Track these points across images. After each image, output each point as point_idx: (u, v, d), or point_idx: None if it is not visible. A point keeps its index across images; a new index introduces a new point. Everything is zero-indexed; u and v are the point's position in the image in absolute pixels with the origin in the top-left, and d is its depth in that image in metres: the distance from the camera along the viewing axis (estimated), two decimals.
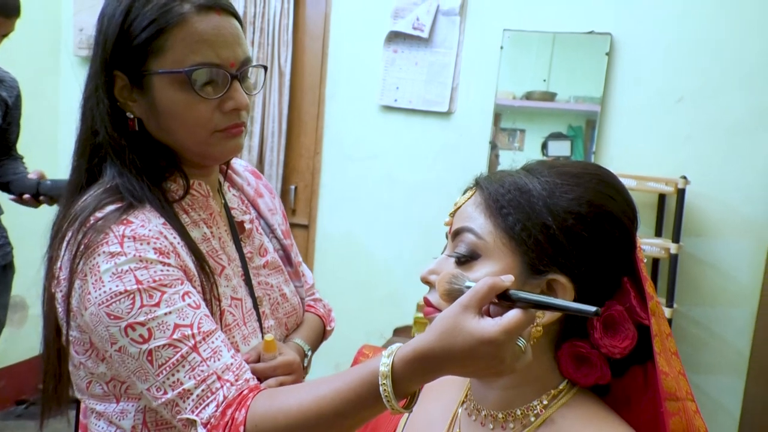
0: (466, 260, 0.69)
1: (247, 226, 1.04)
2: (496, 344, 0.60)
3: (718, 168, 2.36)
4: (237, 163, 1.14)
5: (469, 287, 0.64)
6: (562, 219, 0.66)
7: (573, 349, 0.68)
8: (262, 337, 0.98)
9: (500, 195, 0.69)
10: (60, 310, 0.87)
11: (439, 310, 0.69)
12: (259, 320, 0.99)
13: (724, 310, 2.39)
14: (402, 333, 2.58)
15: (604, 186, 0.69)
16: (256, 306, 1.00)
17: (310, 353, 1.10)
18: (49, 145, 3.11)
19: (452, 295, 0.66)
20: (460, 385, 0.82)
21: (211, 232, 0.96)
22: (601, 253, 0.67)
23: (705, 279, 2.40)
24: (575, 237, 0.66)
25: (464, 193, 0.74)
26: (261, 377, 0.92)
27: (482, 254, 0.68)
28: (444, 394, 0.83)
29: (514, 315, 0.61)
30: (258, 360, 0.95)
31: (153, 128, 0.91)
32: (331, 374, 0.75)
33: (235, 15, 0.91)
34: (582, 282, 0.66)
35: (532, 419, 0.69)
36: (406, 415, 0.85)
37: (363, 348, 0.99)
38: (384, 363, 0.67)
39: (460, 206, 0.73)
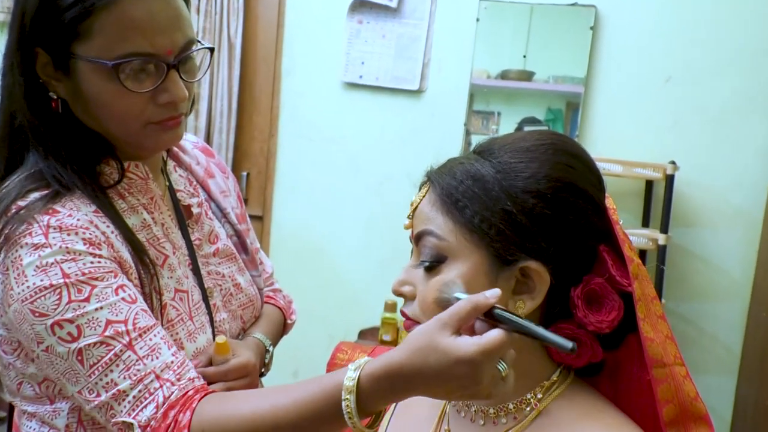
0: (433, 266, 0.71)
1: (195, 210, 1.05)
2: (473, 364, 0.63)
3: (708, 153, 2.46)
4: (185, 140, 1.14)
5: (458, 299, 0.67)
6: (522, 201, 0.68)
7: (559, 333, 0.70)
8: (212, 332, 1.00)
9: (453, 188, 0.70)
10: None
11: (419, 323, 0.71)
12: (210, 314, 1.01)
13: (715, 305, 2.50)
14: (368, 335, 2.61)
15: (561, 155, 0.71)
16: (205, 298, 1.01)
17: (271, 349, 1.12)
18: None
19: (442, 304, 0.68)
20: None
21: (153, 218, 0.97)
22: (570, 228, 0.69)
23: (694, 272, 2.51)
24: (539, 217, 0.68)
25: (419, 190, 0.75)
26: (212, 383, 0.94)
27: (448, 256, 0.70)
28: None
29: (494, 336, 0.63)
30: (210, 364, 0.96)
31: (79, 113, 0.91)
32: (289, 383, 0.77)
33: None
34: (555, 262, 0.69)
35: (526, 413, 0.72)
36: (391, 412, 0.89)
37: (341, 345, 1.01)
38: (349, 377, 0.69)
39: (417, 206, 0.74)
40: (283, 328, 1.23)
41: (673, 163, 2.38)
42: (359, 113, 2.79)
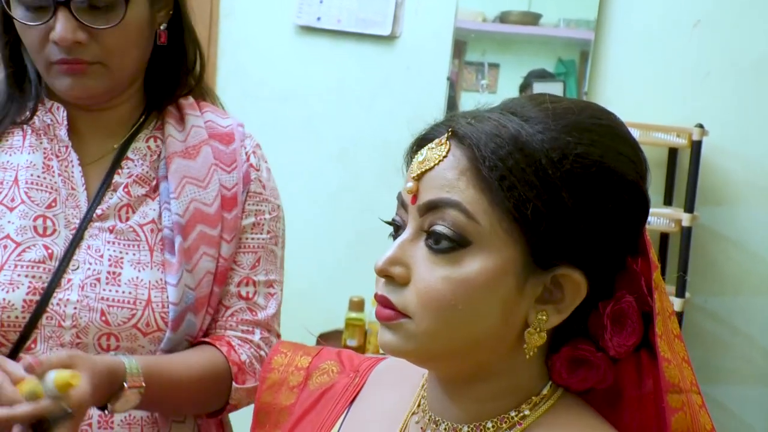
0: (450, 248, 0.68)
1: (116, 178, 1.16)
2: None
3: (743, 115, 2.47)
4: (219, 120, 1.25)
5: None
6: (582, 195, 0.67)
7: (574, 353, 0.72)
8: (42, 303, 1.05)
9: (500, 158, 0.66)
10: None
11: (407, 317, 0.69)
12: (54, 282, 1.08)
13: (750, 299, 2.52)
14: (329, 339, 2.59)
15: (621, 143, 0.71)
16: (61, 269, 1.08)
17: (134, 387, 1.00)
18: None
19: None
20: (409, 389, 0.84)
21: (48, 164, 1.13)
22: (615, 232, 0.70)
23: (726, 260, 2.52)
24: (599, 220, 0.68)
25: (430, 147, 0.71)
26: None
27: (473, 241, 0.68)
28: (387, 401, 0.86)
29: None
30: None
31: None
32: None
33: None
34: (592, 272, 0.69)
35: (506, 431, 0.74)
36: (340, 423, 0.88)
37: (279, 345, 0.98)
38: None
39: (433, 167, 0.70)
40: (215, 388, 1.12)
41: (701, 126, 2.37)
42: (317, 64, 2.78)
